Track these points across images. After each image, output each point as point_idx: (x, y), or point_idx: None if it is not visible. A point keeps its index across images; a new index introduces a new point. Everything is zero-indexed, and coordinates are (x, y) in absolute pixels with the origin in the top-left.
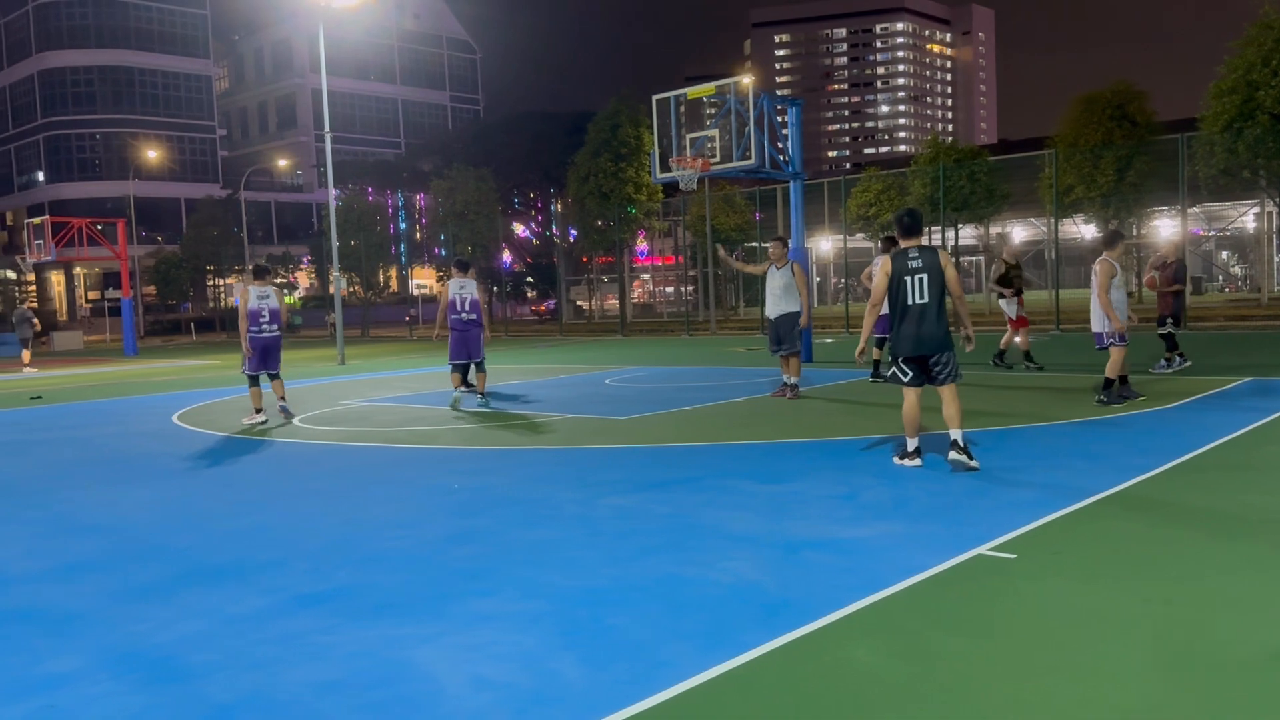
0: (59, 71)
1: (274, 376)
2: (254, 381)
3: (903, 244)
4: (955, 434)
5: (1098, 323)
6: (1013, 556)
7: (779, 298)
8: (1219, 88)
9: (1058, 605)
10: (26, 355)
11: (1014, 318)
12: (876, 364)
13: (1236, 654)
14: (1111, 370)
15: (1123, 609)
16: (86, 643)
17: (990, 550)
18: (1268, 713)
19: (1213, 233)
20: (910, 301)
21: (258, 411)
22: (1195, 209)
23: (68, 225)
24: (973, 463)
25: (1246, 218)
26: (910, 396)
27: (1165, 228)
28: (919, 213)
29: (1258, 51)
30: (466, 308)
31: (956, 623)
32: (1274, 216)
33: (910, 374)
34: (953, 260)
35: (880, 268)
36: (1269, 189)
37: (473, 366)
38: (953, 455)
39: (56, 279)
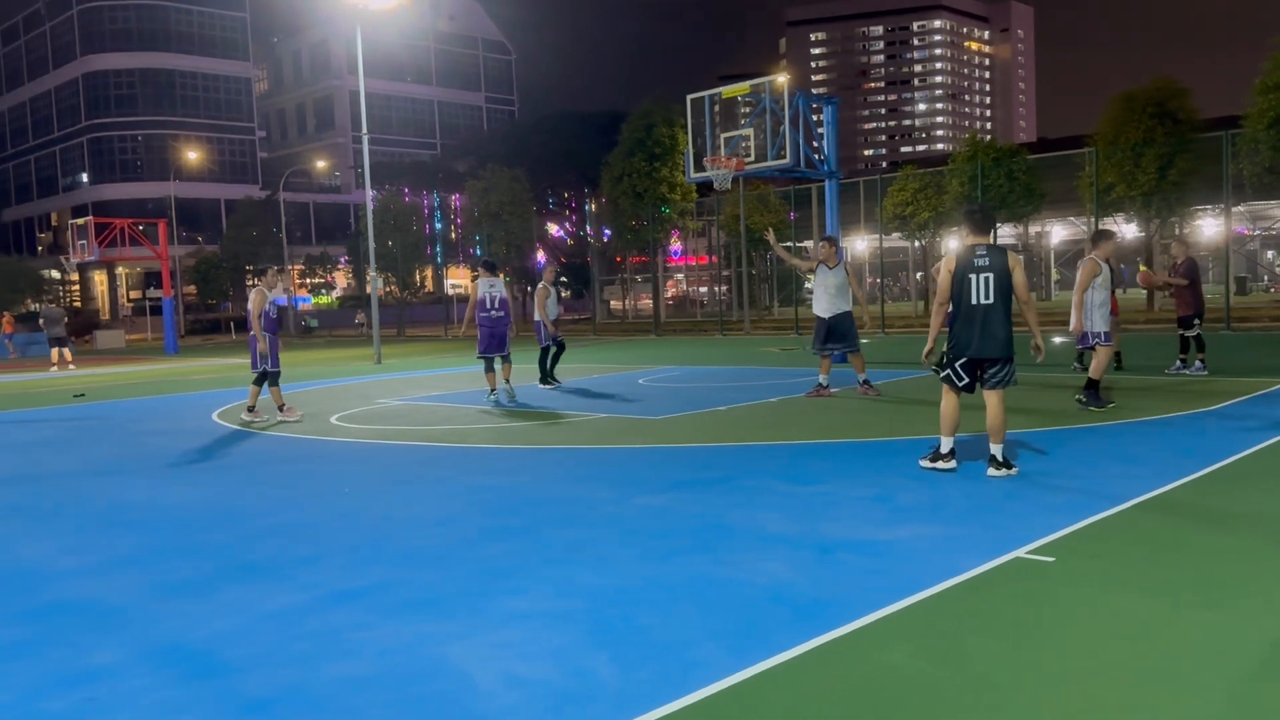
0: (102, 74)
1: (505, 359)
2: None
3: (970, 241)
4: (995, 449)
5: (1084, 322)
6: (1051, 560)
7: (834, 297)
8: (1264, 84)
9: (1097, 610)
10: (59, 354)
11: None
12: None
13: (1272, 659)
14: (1095, 371)
15: (1163, 614)
16: (127, 637)
17: (1028, 553)
18: None
19: (1258, 232)
20: (974, 301)
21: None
22: (1239, 208)
23: (110, 226)
24: (1012, 470)
25: None
26: (952, 397)
27: (1209, 227)
28: (990, 208)
29: None
30: (495, 305)
31: (994, 626)
32: None
33: (964, 379)
34: (1022, 262)
35: (944, 264)
36: None
37: (499, 360)
38: (991, 471)
39: (99, 279)
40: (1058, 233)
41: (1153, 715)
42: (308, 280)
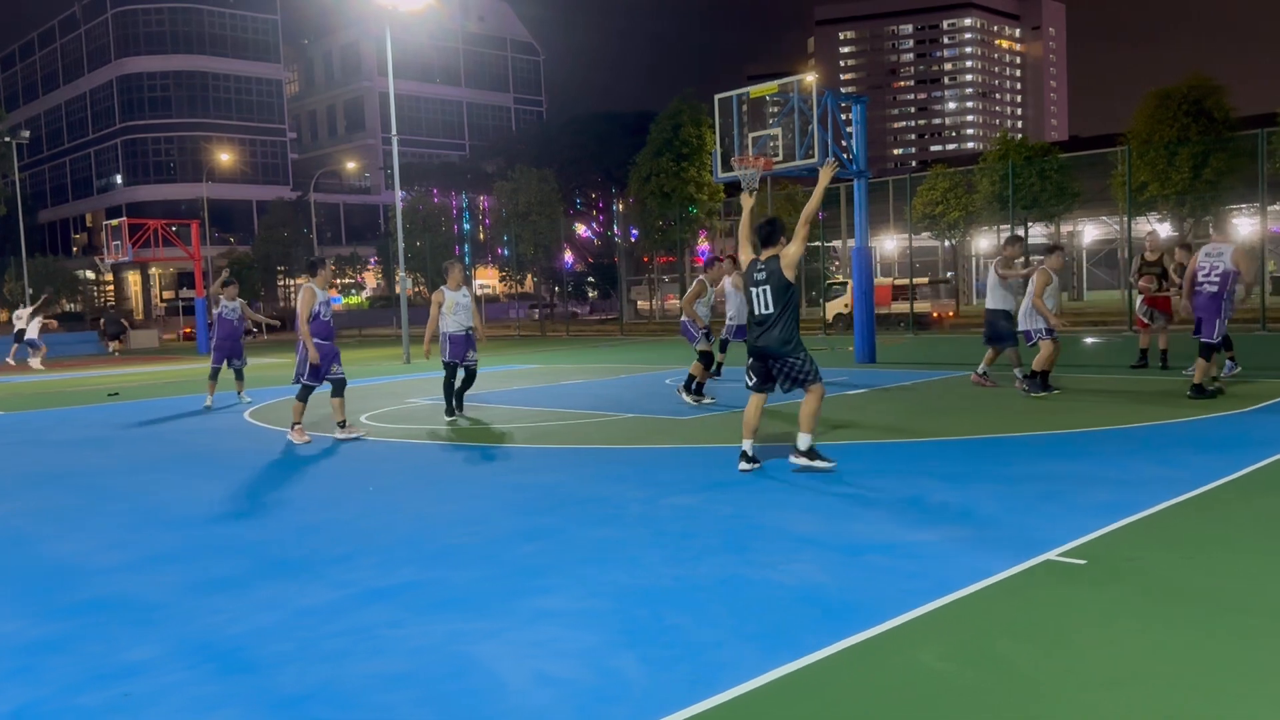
0: (137, 77)
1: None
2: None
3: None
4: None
5: (1025, 321)
6: (1083, 563)
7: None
8: None
9: (1130, 614)
10: (114, 345)
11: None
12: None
13: None
14: (1039, 363)
15: (1200, 621)
16: (163, 633)
17: (1059, 556)
18: None
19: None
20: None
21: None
22: (1275, 206)
23: (144, 227)
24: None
25: None
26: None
27: (1244, 226)
28: (776, 221)
29: None
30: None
31: (1025, 630)
32: None
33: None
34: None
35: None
36: None
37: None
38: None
39: (133, 279)
40: (1090, 232)
41: None
42: (338, 281)
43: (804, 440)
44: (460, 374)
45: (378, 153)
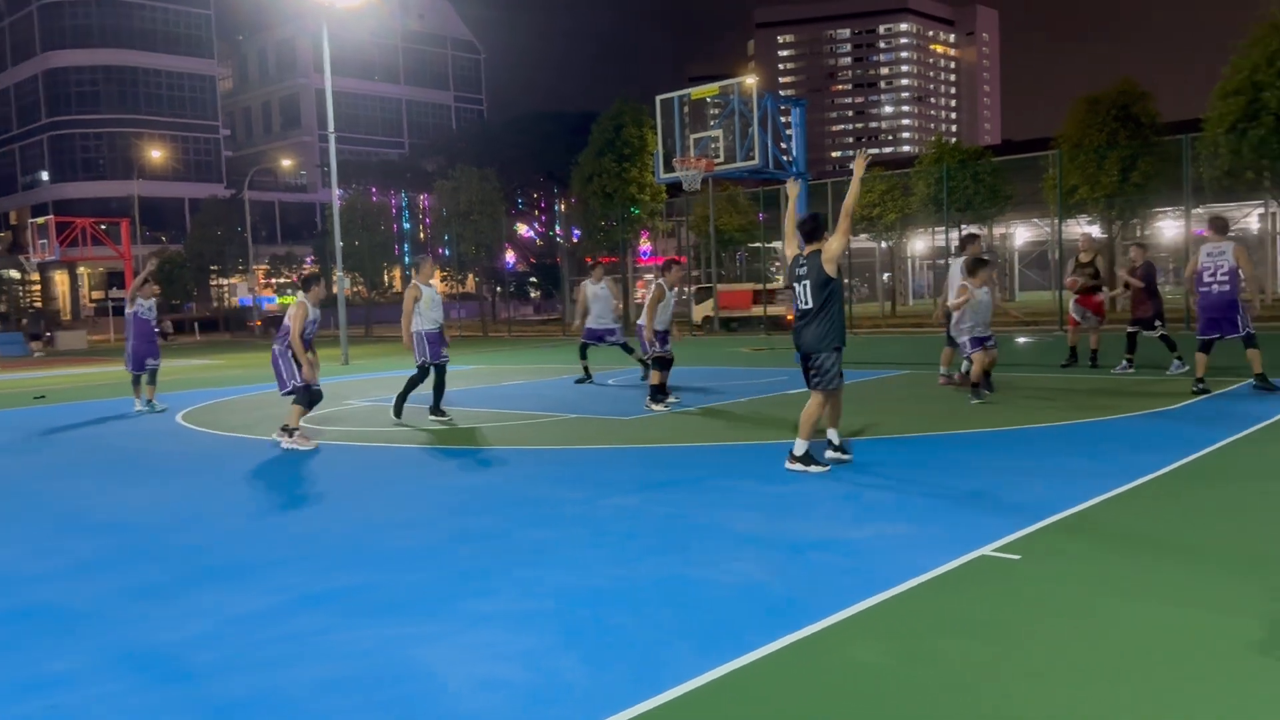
0: (63, 71)
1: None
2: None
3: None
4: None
5: (960, 332)
6: (1017, 558)
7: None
8: (1224, 88)
9: (1063, 607)
10: (35, 346)
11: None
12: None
13: (1238, 657)
14: (974, 376)
15: (1128, 612)
16: (91, 642)
17: (994, 551)
18: (1271, 714)
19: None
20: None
21: None
22: (1199, 210)
23: (71, 225)
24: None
25: (1251, 219)
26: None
27: (1170, 228)
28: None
29: (1263, 52)
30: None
31: (961, 624)
32: (1278, 218)
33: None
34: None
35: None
36: (1273, 190)
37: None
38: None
39: (60, 279)
40: (1022, 234)
41: (1120, 712)
42: (273, 280)
43: (799, 445)
44: (431, 374)
45: (314, 150)
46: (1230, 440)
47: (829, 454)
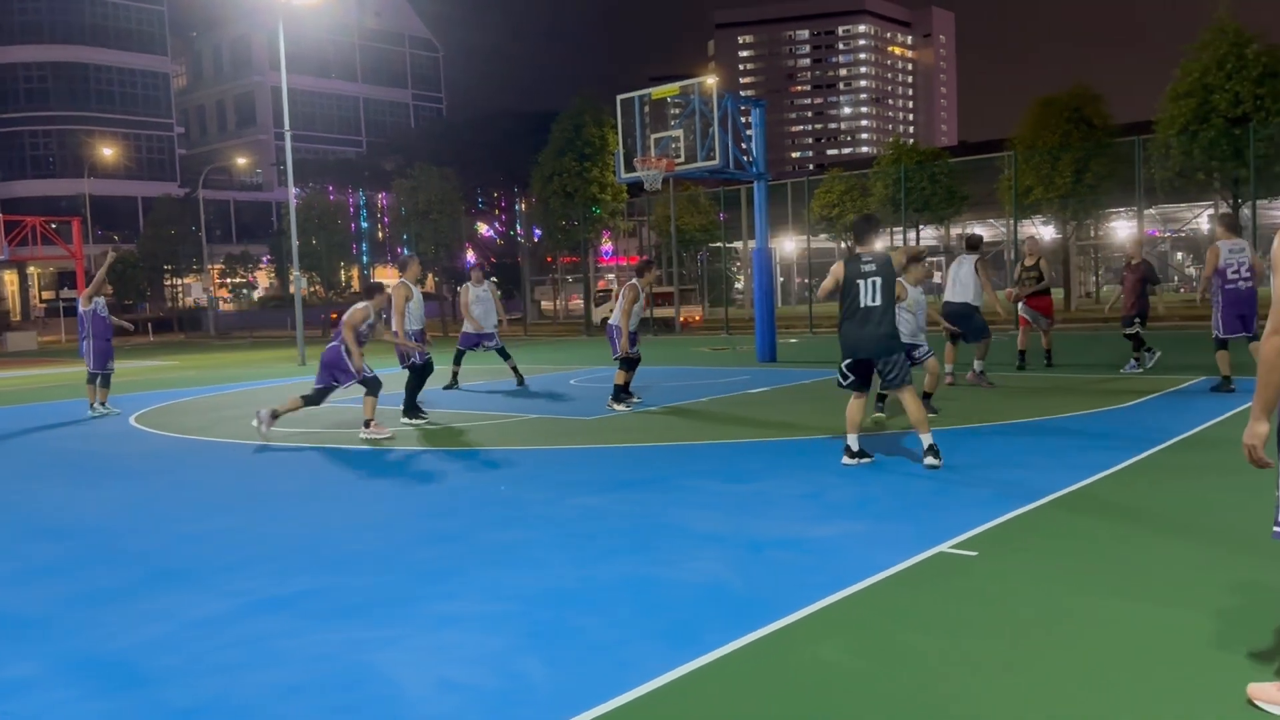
0: (11, 68)
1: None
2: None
3: (856, 249)
4: (925, 439)
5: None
6: (974, 554)
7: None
8: (1174, 91)
9: (1019, 602)
10: None
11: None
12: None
13: (1188, 648)
14: (929, 385)
15: (1082, 606)
16: (43, 649)
17: (952, 548)
18: (1223, 706)
19: (1168, 234)
20: (861, 304)
21: None
22: (1151, 210)
23: (21, 224)
24: (939, 461)
25: (1201, 219)
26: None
27: (1122, 229)
28: (874, 218)
29: (1213, 56)
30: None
31: (920, 620)
32: None
33: (850, 378)
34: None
35: (833, 270)
36: (1222, 191)
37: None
38: (927, 461)
39: (9, 279)
40: (978, 234)
41: (1074, 704)
42: (229, 280)
43: (927, 439)
44: (415, 373)
45: (270, 148)
46: (1184, 436)
47: (928, 460)
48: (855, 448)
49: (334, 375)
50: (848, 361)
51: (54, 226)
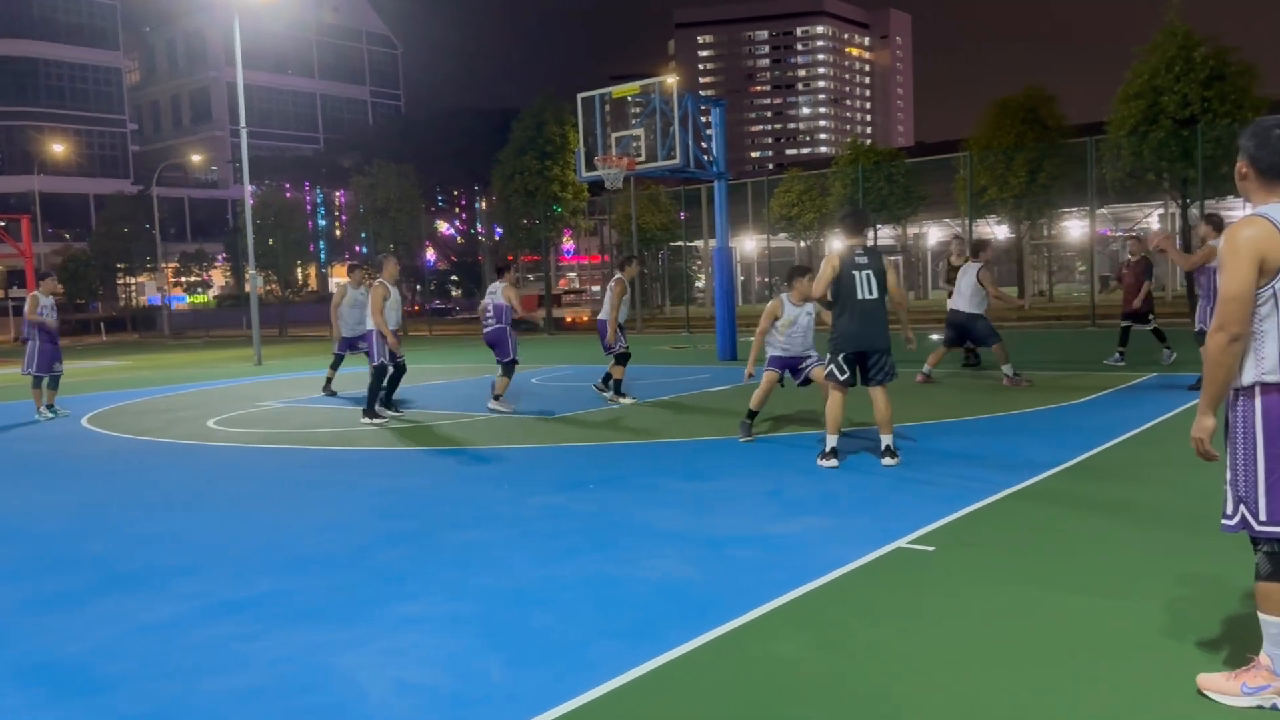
0: None
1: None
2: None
3: (850, 241)
4: (886, 440)
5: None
6: (931, 549)
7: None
8: (1125, 93)
9: (974, 596)
10: None
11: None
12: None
13: (1140, 640)
14: (755, 402)
15: (1036, 600)
16: None
17: (909, 543)
18: (1174, 697)
19: (1120, 233)
20: (860, 296)
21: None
22: (1103, 210)
23: None
24: (896, 459)
25: (1151, 219)
26: (837, 395)
27: (1075, 228)
28: (864, 211)
29: (1162, 58)
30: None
31: (879, 614)
32: (1176, 218)
33: (847, 372)
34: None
35: (826, 262)
36: (1171, 191)
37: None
38: (885, 461)
39: None
40: (935, 234)
41: (1032, 696)
42: (183, 279)
43: (887, 439)
44: (390, 371)
45: (225, 145)
46: (1136, 432)
47: (885, 460)
48: (834, 447)
49: (505, 349)
50: (845, 354)
51: (3, 224)
